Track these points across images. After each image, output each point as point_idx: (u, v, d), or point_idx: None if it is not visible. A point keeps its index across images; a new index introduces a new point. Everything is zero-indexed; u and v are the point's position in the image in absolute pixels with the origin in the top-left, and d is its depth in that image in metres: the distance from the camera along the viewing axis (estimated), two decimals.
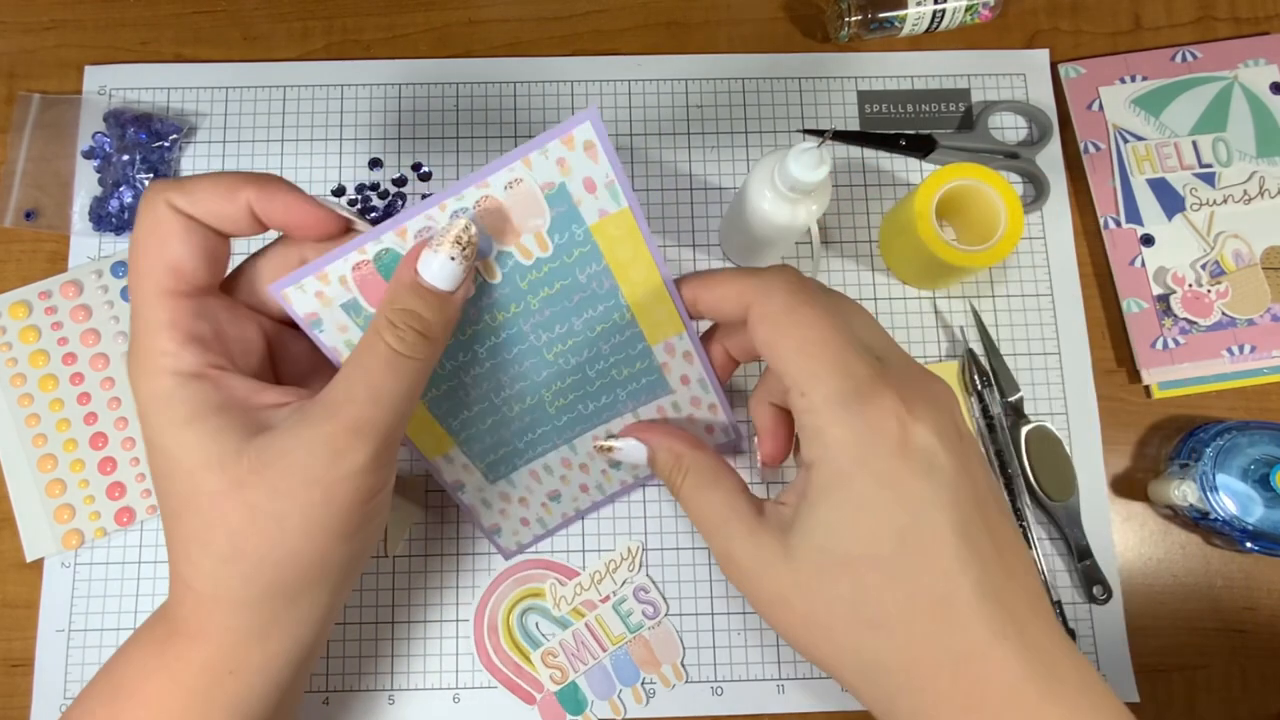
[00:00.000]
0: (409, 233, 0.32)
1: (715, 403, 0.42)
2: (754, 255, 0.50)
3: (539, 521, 0.46)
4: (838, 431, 0.29)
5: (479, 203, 0.32)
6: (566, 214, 0.34)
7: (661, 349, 0.39)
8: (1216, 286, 0.51)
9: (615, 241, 0.35)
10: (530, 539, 0.47)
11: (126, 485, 0.48)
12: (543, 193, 0.33)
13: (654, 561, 0.48)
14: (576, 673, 0.47)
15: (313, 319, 0.34)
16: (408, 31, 0.55)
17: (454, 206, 0.32)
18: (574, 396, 0.40)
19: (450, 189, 0.32)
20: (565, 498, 0.45)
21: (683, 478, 0.36)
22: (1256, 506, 0.46)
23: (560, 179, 0.33)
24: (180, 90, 0.53)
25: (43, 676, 0.46)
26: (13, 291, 0.50)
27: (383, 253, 0.32)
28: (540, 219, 0.33)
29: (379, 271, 0.33)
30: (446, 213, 0.32)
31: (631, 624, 0.47)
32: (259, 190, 0.31)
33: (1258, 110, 0.53)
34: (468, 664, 0.47)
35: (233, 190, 0.31)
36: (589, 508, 0.47)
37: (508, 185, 0.32)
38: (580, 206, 0.34)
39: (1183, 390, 0.51)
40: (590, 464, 0.44)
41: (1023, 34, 0.56)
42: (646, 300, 0.37)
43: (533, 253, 0.34)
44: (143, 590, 0.47)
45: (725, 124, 0.53)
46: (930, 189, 0.47)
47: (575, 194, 0.33)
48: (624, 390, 0.40)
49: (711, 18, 0.55)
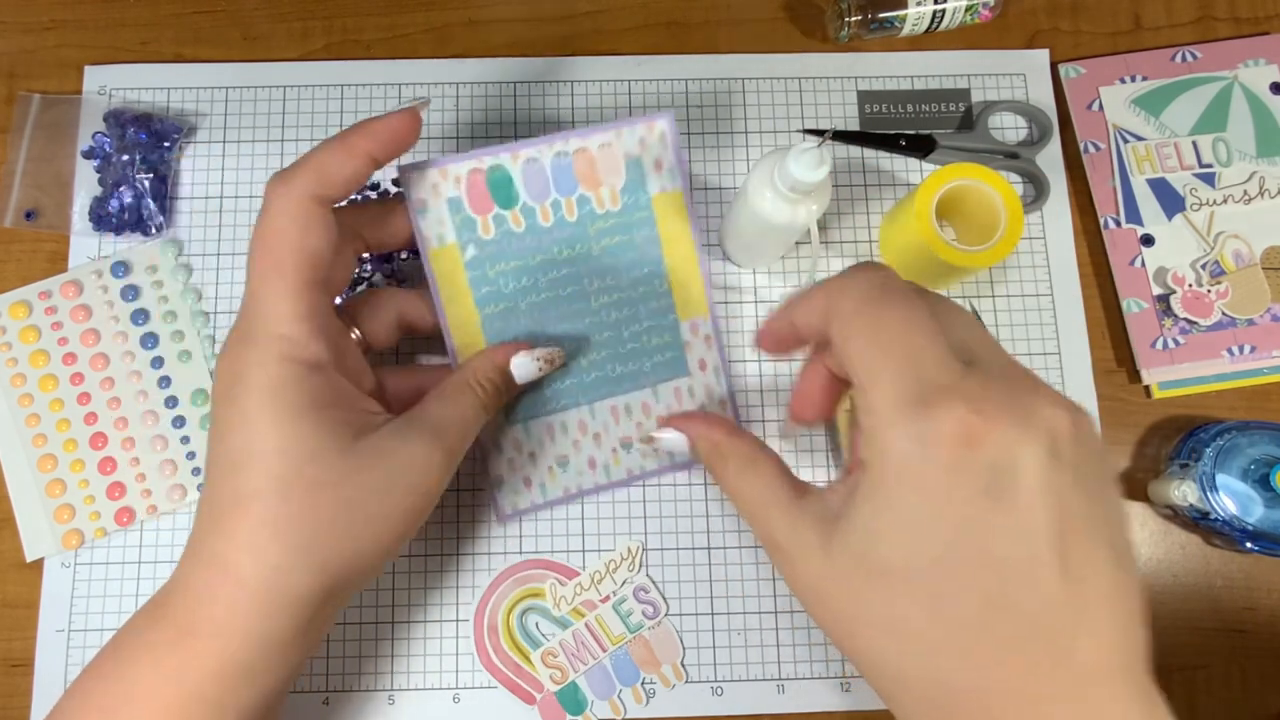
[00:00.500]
0: (520, 158, 0.42)
1: (725, 398, 0.46)
2: (754, 254, 0.50)
3: (540, 488, 0.47)
4: (891, 436, 0.27)
5: (578, 151, 0.42)
6: (636, 180, 0.44)
7: (688, 327, 0.46)
8: (1216, 286, 0.51)
9: (667, 215, 0.45)
10: (528, 505, 0.47)
11: (126, 485, 0.48)
12: (624, 159, 0.43)
13: (654, 561, 0.48)
14: (576, 673, 0.47)
15: (420, 205, 0.41)
16: (408, 31, 0.55)
17: (560, 147, 0.42)
18: (605, 354, 0.45)
19: (559, 134, 0.42)
20: (571, 468, 0.47)
21: (723, 465, 0.36)
22: (1256, 506, 0.46)
23: (638, 154, 0.44)
24: (180, 90, 0.53)
25: (43, 676, 0.46)
26: (13, 291, 0.50)
27: (496, 167, 0.42)
28: (618, 178, 0.44)
29: (486, 182, 0.42)
30: (553, 151, 0.42)
31: (631, 624, 0.47)
32: (369, 137, 0.35)
33: (1258, 110, 0.53)
34: (468, 664, 0.47)
35: (352, 150, 0.35)
36: (591, 489, 0.47)
37: (601, 145, 0.43)
38: (647, 178, 0.44)
39: (1183, 390, 0.51)
40: (604, 434, 0.46)
41: (1023, 34, 0.56)
42: (683, 275, 0.45)
43: (605, 204, 0.44)
44: (143, 590, 0.47)
45: (725, 124, 0.53)
46: (930, 189, 0.47)
47: (646, 168, 0.44)
48: (649, 361, 0.46)
49: (711, 18, 0.55)
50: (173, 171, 0.52)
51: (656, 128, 0.43)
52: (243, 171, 0.52)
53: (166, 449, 0.48)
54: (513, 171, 0.42)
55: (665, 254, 0.45)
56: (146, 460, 0.48)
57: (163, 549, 0.48)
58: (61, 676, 0.46)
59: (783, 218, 0.43)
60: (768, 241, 0.47)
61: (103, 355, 0.49)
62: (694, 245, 0.45)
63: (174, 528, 0.48)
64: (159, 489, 0.48)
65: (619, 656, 0.47)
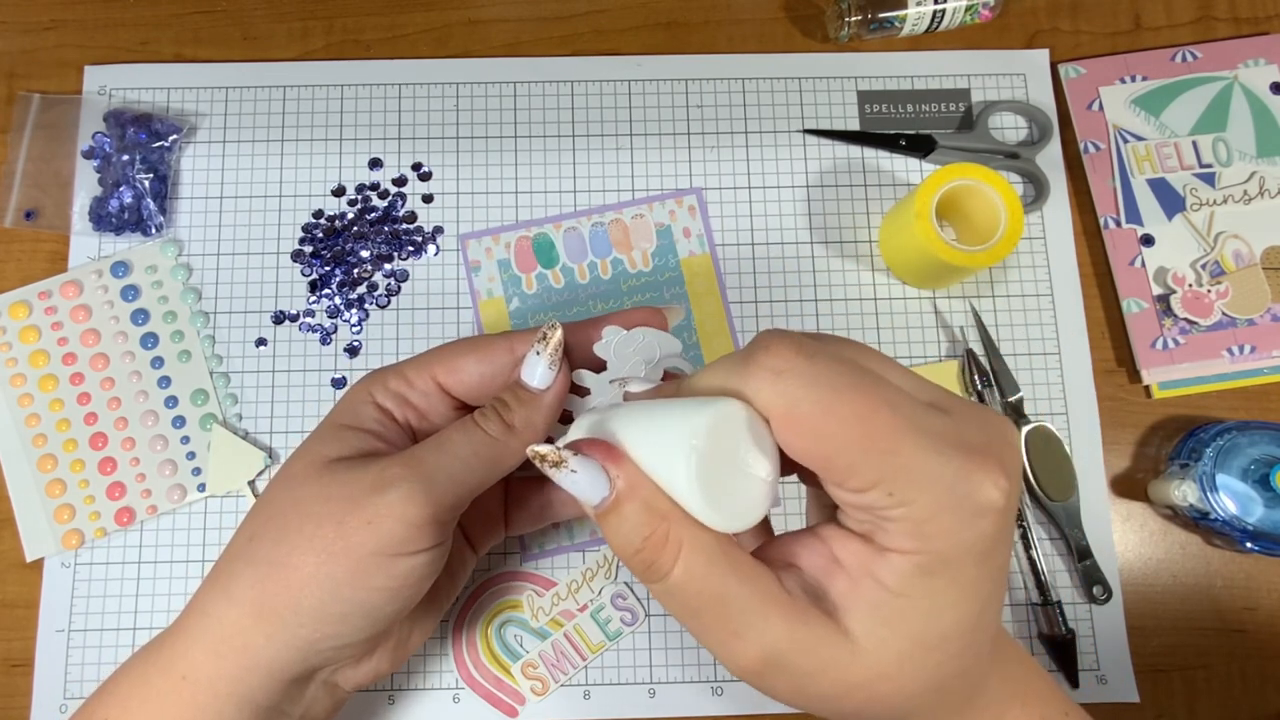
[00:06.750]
0: (561, 227, 0.50)
1: None
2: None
3: (568, 531, 0.48)
4: (945, 521, 0.25)
5: (613, 221, 0.50)
6: (666, 246, 0.51)
7: None
8: (1216, 286, 0.51)
9: (695, 276, 0.51)
10: (555, 547, 0.48)
11: (126, 485, 0.48)
12: (655, 228, 0.51)
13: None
14: (557, 683, 0.47)
15: (476, 265, 0.50)
16: (408, 31, 0.55)
17: (597, 218, 0.51)
18: None
19: (596, 209, 0.50)
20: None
21: (672, 548, 0.26)
22: (1256, 506, 0.46)
23: (669, 222, 0.51)
24: (180, 90, 0.53)
25: (43, 676, 0.46)
26: (13, 291, 0.50)
27: (540, 234, 0.50)
28: (648, 243, 0.51)
29: (531, 246, 0.50)
30: (590, 221, 0.50)
31: (610, 631, 0.47)
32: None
33: (1258, 110, 0.53)
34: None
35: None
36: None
37: (634, 216, 0.51)
38: (677, 244, 0.51)
39: (1183, 390, 0.51)
40: None
41: (1023, 34, 0.56)
42: (711, 329, 0.50)
43: (637, 264, 0.50)
44: (143, 590, 0.47)
45: (725, 124, 0.53)
46: (930, 189, 0.47)
47: (676, 235, 0.51)
48: None
49: (711, 18, 0.55)
50: (173, 171, 0.52)
51: (684, 201, 0.50)
52: (243, 171, 0.52)
53: (166, 449, 0.48)
54: (555, 238, 0.50)
55: (694, 309, 0.50)
56: (146, 460, 0.48)
57: (162, 549, 0.48)
58: (61, 676, 0.46)
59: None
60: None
61: (103, 355, 0.49)
62: (721, 302, 0.50)
63: (174, 528, 0.48)
64: (159, 489, 0.48)
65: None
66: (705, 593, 0.26)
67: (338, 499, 0.32)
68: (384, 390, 0.36)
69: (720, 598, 0.26)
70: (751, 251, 0.52)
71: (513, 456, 0.34)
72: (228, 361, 0.50)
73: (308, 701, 0.35)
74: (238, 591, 0.33)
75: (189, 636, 0.33)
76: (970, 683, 0.28)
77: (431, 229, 0.52)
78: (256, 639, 0.32)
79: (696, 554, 0.26)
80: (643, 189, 0.52)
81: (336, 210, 0.52)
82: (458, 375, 0.36)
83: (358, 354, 0.50)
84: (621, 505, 0.27)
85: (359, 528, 0.31)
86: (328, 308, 0.51)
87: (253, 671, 0.32)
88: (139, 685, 0.33)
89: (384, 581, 0.32)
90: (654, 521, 0.26)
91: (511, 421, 0.34)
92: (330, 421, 0.35)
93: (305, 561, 0.32)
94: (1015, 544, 0.48)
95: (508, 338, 0.36)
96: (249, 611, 0.32)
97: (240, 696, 0.32)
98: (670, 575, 0.26)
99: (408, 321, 0.51)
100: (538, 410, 0.34)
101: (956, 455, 0.25)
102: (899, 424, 0.25)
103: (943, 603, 0.26)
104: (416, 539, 0.32)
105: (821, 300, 0.51)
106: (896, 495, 0.25)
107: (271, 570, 0.32)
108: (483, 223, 0.52)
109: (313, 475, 0.33)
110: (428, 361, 0.36)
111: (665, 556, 0.26)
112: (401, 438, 0.36)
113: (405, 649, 0.37)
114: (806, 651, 0.26)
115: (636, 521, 0.26)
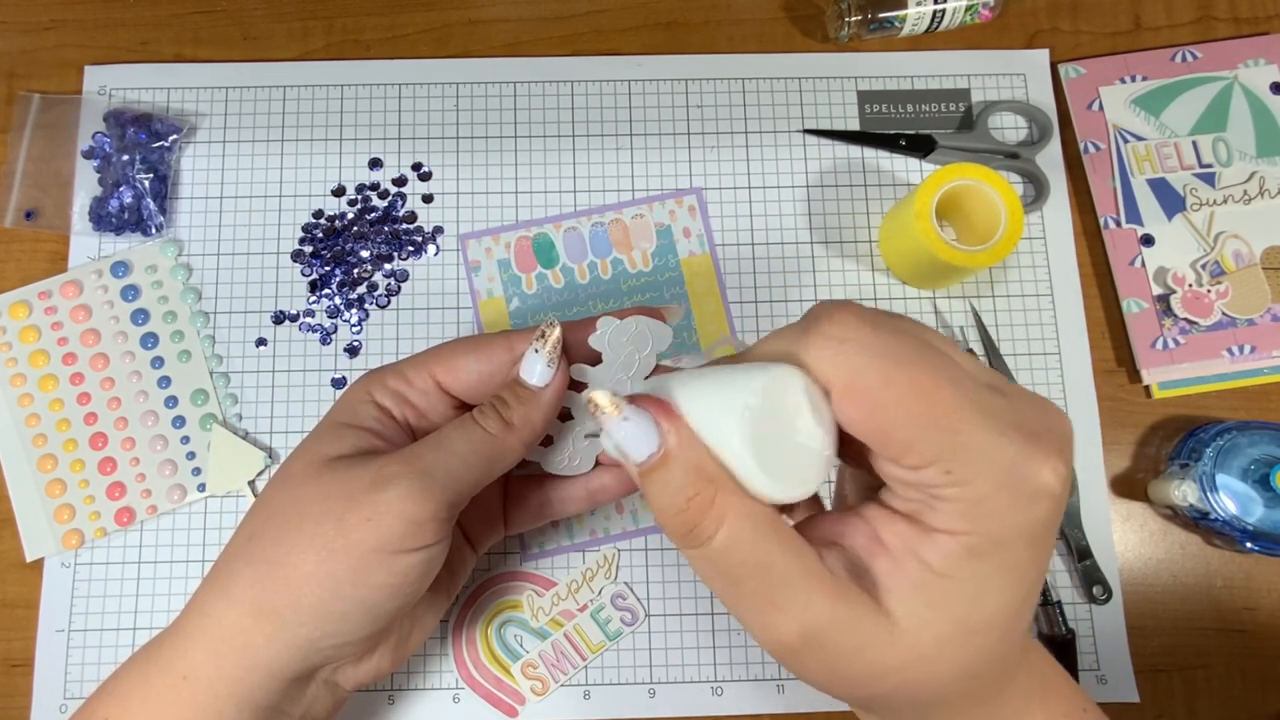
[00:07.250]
0: (561, 227, 0.50)
1: None
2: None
3: (567, 531, 0.48)
4: (1001, 503, 0.25)
5: (613, 221, 0.50)
6: (666, 246, 0.51)
7: None
8: (1216, 286, 0.51)
9: (695, 275, 0.50)
10: (555, 547, 0.48)
11: (126, 485, 0.48)
12: (655, 228, 0.51)
13: (625, 563, 0.48)
14: (557, 683, 0.47)
15: (476, 265, 0.50)
16: (408, 31, 0.55)
17: (597, 218, 0.51)
18: None
19: (596, 209, 0.50)
20: (599, 511, 0.48)
21: (717, 524, 0.26)
22: (1256, 506, 0.46)
23: (669, 222, 0.51)
24: (180, 90, 0.53)
25: (43, 676, 0.46)
26: (13, 291, 0.50)
27: (540, 234, 0.50)
28: (649, 243, 0.51)
29: (531, 246, 0.50)
30: (590, 221, 0.50)
31: (610, 631, 0.47)
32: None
33: (1258, 110, 0.53)
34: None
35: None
36: (619, 535, 0.48)
37: (634, 216, 0.50)
38: (677, 244, 0.51)
39: (1183, 390, 0.51)
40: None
41: (1023, 34, 0.56)
42: (711, 329, 0.50)
43: (637, 264, 0.50)
44: (143, 590, 0.47)
45: (725, 124, 0.53)
46: (930, 189, 0.47)
47: (676, 235, 0.51)
48: None
49: (711, 18, 0.55)
50: (173, 171, 0.52)
51: (684, 202, 0.50)
52: (243, 171, 0.52)
53: (166, 449, 0.48)
54: (555, 238, 0.50)
55: (694, 309, 0.50)
56: (146, 460, 0.48)
57: (162, 549, 0.48)
58: (61, 676, 0.46)
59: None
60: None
61: (103, 355, 0.49)
62: (721, 302, 0.50)
63: (174, 528, 0.48)
64: (159, 489, 0.48)
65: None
66: (749, 561, 0.26)
67: (337, 497, 0.32)
68: (383, 389, 0.36)
69: (764, 567, 0.26)
70: (751, 251, 0.52)
71: (512, 453, 0.34)
72: (228, 361, 0.50)
73: (308, 701, 0.35)
74: (237, 591, 0.33)
75: (189, 636, 0.33)
76: (1002, 671, 0.28)
77: (431, 229, 0.52)
78: (256, 638, 0.32)
79: (743, 520, 0.26)
80: (643, 189, 0.52)
81: (336, 210, 0.52)
82: (457, 374, 0.36)
83: (358, 354, 0.50)
84: (670, 462, 0.26)
85: (359, 525, 0.31)
86: (328, 308, 0.51)
87: (253, 671, 0.32)
88: (139, 685, 0.33)
89: (384, 578, 0.32)
90: (700, 483, 0.26)
91: (510, 419, 0.34)
92: (329, 420, 0.35)
93: (305, 560, 0.32)
94: None
95: (506, 336, 0.36)
96: (249, 611, 0.32)
97: (240, 696, 0.32)
98: (714, 540, 0.26)
99: (408, 321, 0.51)
100: (536, 408, 0.34)
101: (1016, 437, 0.25)
102: (961, 401, 0.24)
103: (989, 587, 0.25)
104: (417, 535, 0.32)
105: (821, 300, 0.51)
106: (954, 474, 0.24)
107: (271, 569, 0.32)
108: (483, 223, 0.52)
109: (312, 474, 0.33)
110: (427, 360, 0.36)
111: (709, 520, 0.26)
112: (400, 436, 0.36)
113: (406, 648, 0.37)
114: (846, 629, 0.25)
115: (683, 481, 0.26)
